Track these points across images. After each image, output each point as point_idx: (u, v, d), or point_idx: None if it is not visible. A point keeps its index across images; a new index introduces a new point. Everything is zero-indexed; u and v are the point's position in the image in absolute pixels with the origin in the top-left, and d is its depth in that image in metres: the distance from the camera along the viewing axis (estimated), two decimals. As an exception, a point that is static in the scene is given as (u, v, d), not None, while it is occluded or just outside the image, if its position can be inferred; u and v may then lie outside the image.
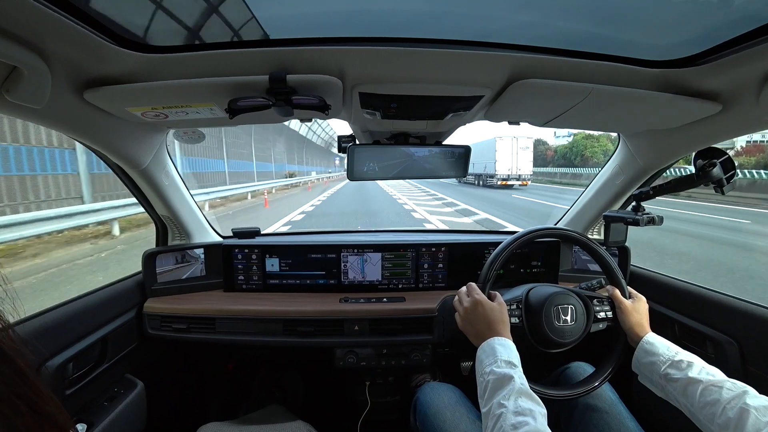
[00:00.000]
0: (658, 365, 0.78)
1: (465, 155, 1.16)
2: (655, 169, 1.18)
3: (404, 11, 0.69)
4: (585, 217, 1.45)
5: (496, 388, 0.68)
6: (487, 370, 0.72)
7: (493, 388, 0.68)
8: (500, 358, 0.73)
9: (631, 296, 0.94)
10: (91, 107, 0.75)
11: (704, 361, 0.74)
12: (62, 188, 8.43)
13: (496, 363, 0.72)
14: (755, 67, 0.66)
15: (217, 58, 0.67)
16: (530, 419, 0.60)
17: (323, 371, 1.69)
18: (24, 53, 0.53)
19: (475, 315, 0.85)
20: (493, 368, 0.71)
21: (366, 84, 0.76)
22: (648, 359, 0.81)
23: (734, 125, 0.84)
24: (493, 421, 0.63)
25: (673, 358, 0.76)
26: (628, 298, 0.93)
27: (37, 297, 3.64)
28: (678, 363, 0.75)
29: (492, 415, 0.64)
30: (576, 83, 0.74)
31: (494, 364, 0.72)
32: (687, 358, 0.75)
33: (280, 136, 30.03)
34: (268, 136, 25.75)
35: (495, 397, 0.66)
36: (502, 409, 0.63)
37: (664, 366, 0.77)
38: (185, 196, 1.31)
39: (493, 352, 0.75)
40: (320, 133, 50.99)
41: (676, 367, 0.75)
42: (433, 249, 1.41)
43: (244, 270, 1.38)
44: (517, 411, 0.61)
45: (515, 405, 0.63)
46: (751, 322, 0.94)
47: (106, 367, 1.05)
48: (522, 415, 0.61)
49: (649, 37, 0.72)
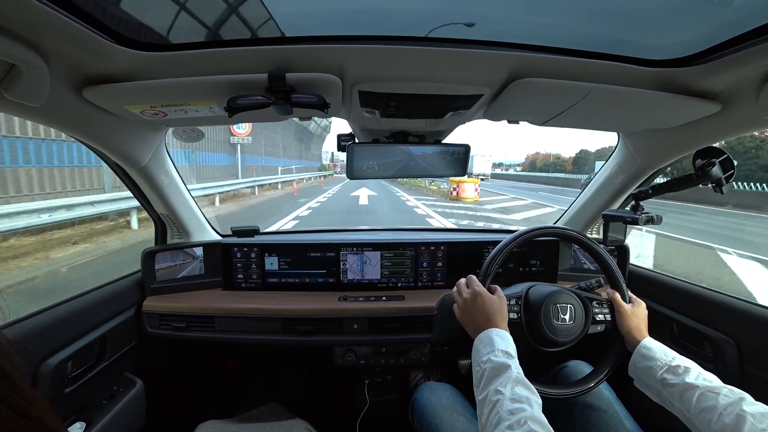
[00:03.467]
0: (654, 370, 0.77)
1: (464, 154, 1.16)
2: (654, 169, 1.18)
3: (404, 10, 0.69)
4: (584, 216, 1.45)
5: (492, 377, 0.68)
6: (484, 359, 0.72)
7: (490, 377, 0.68)
8: (498, 348, 0.73)
9: (631, 300, 0.94)
10: (90, 105, 0.75)
11: (701, 368, 0.74)
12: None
13: (494, 352, 0.72)
14: (755, 67, 0.66)
15: (216, 57, 0.67)
16: (527, 406, 0.60)
17: (322, 370, 1.69)
18: (22, 51, 0.53)
19: (474, 306, 0.85)
20: (491, 357, 0.71)
21: (365, 82, 0.76)
22: (645, 363, 0.80)
23: (733, 125, 0.84)
24: (489, 407, 0.63)
25: (670, 363, 0.76)
26: (627, 302, 0.92)
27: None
28: (675, 368, 0.74)
29: (488, 402, 0.64)
30: (575, 82, 0.74)
31: (491, 353, 0.72)
32: (684, 363, 0.75)
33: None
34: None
35: (491, 384, 0.66)
36: (499, 396, 0.63)
37: (660, 371, 0.76)
38: (184, 194, 1.31)
39: (491, 342, 0.75)
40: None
41: (672, 372, 0.74)
42: (432, 248, 1.41)
43: (243, 268, 1.38)
44: (514, 398, 0.62)
45: (512, 392, 0.63)
46: (750, 321, 0.94)
47: (105, 366, 1.05)
48: (519, 402, 0.61)
49: (648, 36, 0.72)
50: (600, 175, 1.35)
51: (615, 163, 1.26)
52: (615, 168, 1.27)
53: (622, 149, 1.22)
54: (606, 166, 1.33)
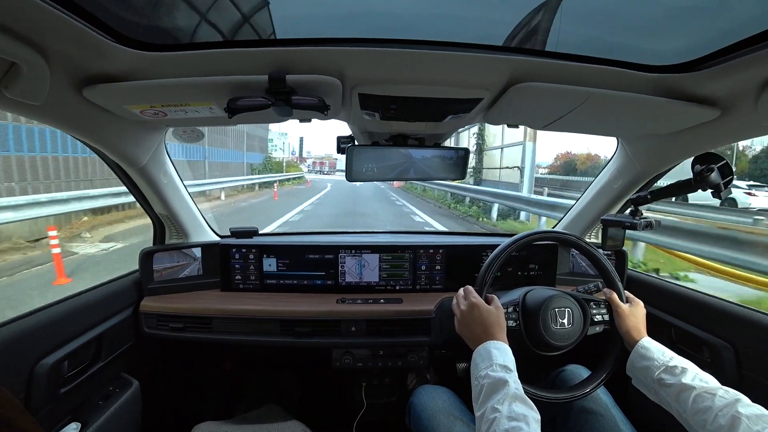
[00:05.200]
0: (652, 370, 0.78)
1: (464, 157, 1.16)
2: (652, 174, 1.18)
3: (405, 13, 0.70)
4: (583, 221, 1.45)
5: (490, 393, 0.67)
6: (482, 374, 0.72)
7: (488, 392, 0.68)
8: (495, 362, 0.72)
9: (628, 300, 0.94)
10: (90, 105, 0.75)
11: (698, 368, 0.74)
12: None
13: (491, 367, 0.72)
14: (753, 73, 0.66)
15: (217, 57, 0.67)
16: (523, 424, 0.60)
17: (320, 372, 1.69)
18: (22, 49, 0.53)
19: (471, 318, 0.84)
20: (488, 372, 0.71)
21: (365, 85, 0.76)
22: (642, 363, 0.81)
23: (732, 131, 0.85)
24: (487, 425, 0.62)
25: (668, 363, 0.76)
26: (625, 303, 0.93)
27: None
28: (672, 368, 0.75)
29: (485, 419, 0.64)
30: (575, 87, 0.74)
31: (489, 368, 0.72)
32: (681, 364, 0.76)
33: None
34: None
35: (489, 401, 0.66)
36: (496, 414, 0.62)
37: (658, 371, 0.77)
38: (183, 195, 1.31)
39: (489, 355, 0.75)
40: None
41: (670, 373, 0.75)
42: (430, 251, 1.41)
43: (241, 270, 1.38)
44: (511, 416, 0.61)
45: (509, 410, 0.62)
46: (748, 326, 0.94)
47: (102, 366, 1.04)
48: (515, 420, 0.60)
49: (647, 42, 0.73)
50: (599, 179, 1.36)
51: (614, 168, 1.27)
52: (614, 173, 1.27)
53: (621, 154, 1.22)
54: (605, 171, 1.33)
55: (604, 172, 1.33)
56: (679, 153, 1.05)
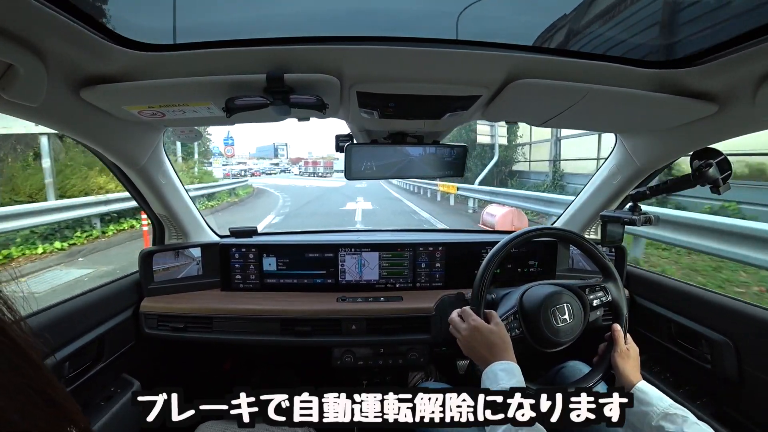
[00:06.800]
0: (651, 416, 0.75)
1: (462, 155, 1.16)
2: (651, 170, 1.18)
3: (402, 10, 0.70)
4: (582, 217, 1.45)
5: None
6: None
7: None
8: (501, 386, 0.71)
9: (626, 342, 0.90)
10: (88, 105, 0.75)
11: (694, 416, 0.72)
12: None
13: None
14: (751, 68, 0.66)
15: (215, 57, 0.67)
16: None
17: (321, 371, 1.69)
18: (19, 51, 0.53)
19: (474, 341, 0.82)
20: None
21: (364, 83, 0.76)
22: (640, 408, 0.77)
23: (730, 126, 0.85)
24: None
25: (667, 410, 0.74)
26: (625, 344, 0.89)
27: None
28: (672, 416, 0.73)
29: None
30: (573, 83, 0.74)
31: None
32: (681, 411, 0.73)
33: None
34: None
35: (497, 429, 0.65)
36: None
37: (657, 418, 0.74)
38: (182, 195, 1.31)
39: (496, 378, 0.74)
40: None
41: (670, 421, 0.72)
42: (430, 248, 1.41)
43: (241, 269, 1.38)
44: None
45: None
46: (748, 322, 0.94)
47: (103, 367, 1.04)
48: None
49: (645, 37, 0.73)
50: (598, 175, 1.36)
51: (613, 164, 1.27)
52: (613, 169, 1.27)
53: (619, 150, 1.22)
54: (604, 167, 1.33)
55: (603, 168, 1.33)
56: (677, 148, 1.05)
